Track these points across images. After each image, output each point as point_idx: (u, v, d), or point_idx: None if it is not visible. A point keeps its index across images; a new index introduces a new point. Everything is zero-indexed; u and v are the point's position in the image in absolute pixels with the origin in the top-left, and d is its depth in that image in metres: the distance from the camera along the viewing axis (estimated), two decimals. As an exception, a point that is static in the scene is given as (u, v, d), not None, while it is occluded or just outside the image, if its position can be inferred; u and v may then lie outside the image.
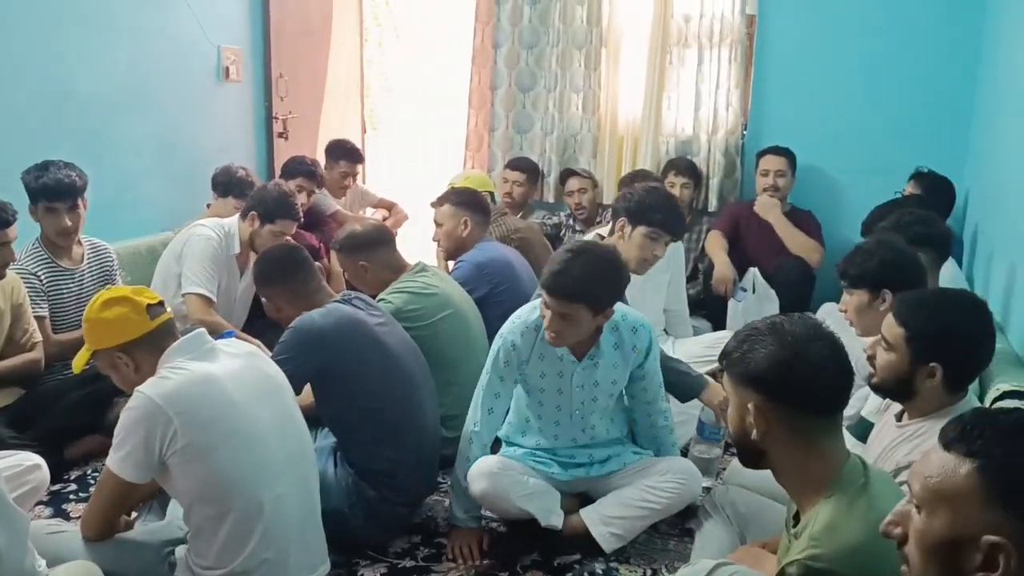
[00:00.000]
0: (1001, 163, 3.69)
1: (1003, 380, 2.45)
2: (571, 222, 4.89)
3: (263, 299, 2.86)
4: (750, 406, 1.49)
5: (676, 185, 4.64)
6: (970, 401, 1.98)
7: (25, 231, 3.02)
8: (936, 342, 1.89)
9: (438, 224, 3.59)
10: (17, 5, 3.49)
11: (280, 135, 5.08)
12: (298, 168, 4.35)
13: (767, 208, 4.37)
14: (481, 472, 2.47)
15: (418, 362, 2.72)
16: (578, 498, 2.68)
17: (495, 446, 2.73)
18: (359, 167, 4.95)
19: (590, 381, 2.58)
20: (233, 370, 2.04)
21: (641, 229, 3.00)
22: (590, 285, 2.35)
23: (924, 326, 1.91)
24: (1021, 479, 0.95)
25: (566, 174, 4.87)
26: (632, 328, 2.57)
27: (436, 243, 3.66)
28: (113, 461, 1.92)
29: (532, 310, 2.56)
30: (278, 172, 4.73)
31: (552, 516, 2.52)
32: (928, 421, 1.93)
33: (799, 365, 1.45)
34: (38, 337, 3.09)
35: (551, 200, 5.10)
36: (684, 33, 4.78)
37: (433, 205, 3.67)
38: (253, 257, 3.64)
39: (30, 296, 3.08)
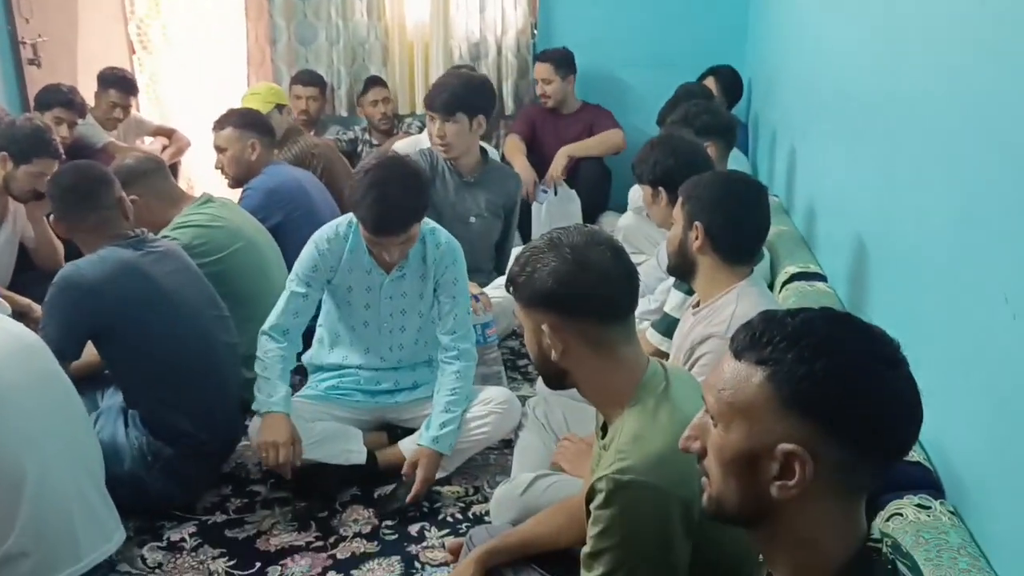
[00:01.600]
0: (778, 49, 3.82)
1: (790, 263, 2.57)
2: (367, 136, 4.70)
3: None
4: (544, 327, 1.44)
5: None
6: (755, 280, 2.05)
7: None
8: (700, 202, 2.00)
9: (220, 150, 3.31)
10: None
11: (31, 62, 4.52)
12: (53, 97, 3.88)
13: (563, 157, 4.29)
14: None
15: (211, 304, 2.52)
16: (384, 433, 2.63)
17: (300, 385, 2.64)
18: (132, 99, 4.52)
19: (398, 292, 2.54)
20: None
21: None
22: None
23: (692, 190, 2.04)
24: (811, 384, 0.93)
25: (369, 83, 4.64)
26: (437, 244, 2.53)
27: (219, 170, 3.38)
28: None
29: (342, 220, 2.51)
30: (32, 103, 4.23)
31: (351, 455, 2.46)
32: (719, 300, 1.99)
33: (582, 274, 1.42)
34: None
35: (344, 114, 4.87)
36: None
37: (214, 129, 3.37)
38: (13, 205, 3.26)
39: None
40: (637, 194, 3.36)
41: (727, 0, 4.59)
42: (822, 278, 2.47)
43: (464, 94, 3.16)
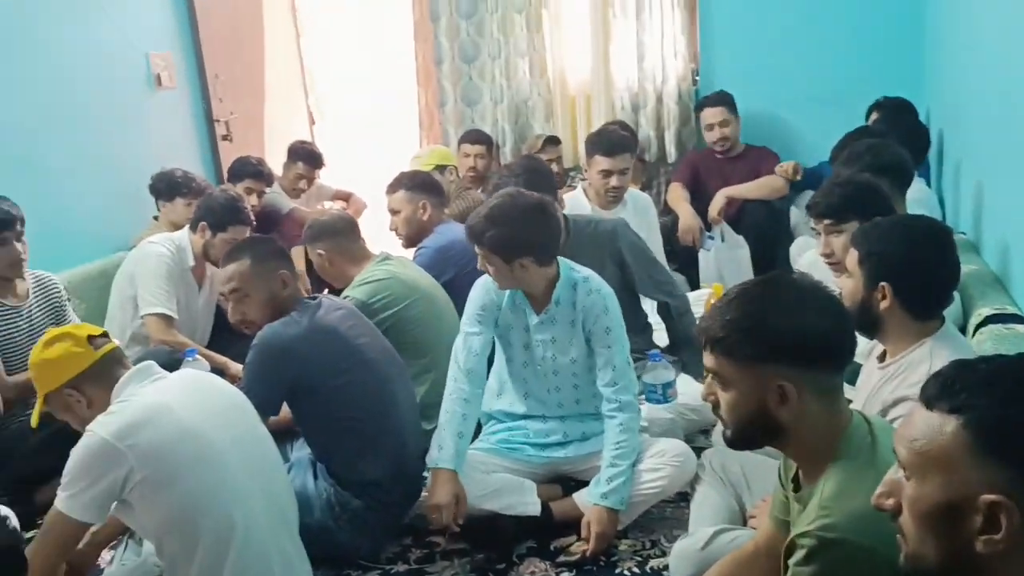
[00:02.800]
0: (958, 79, 3.62)
1: (984, 304, 2.40)
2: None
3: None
4: (777, 384, 1.36)
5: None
6: (949, 331, 1.92)
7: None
8: (884, 259, 1.88)
9: (394, 211, 3.47)
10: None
11: (224, 137, 4.92)
12: (243, 169, 4.21)
13: (722, 198, 4.19)
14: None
15: (395, 363, 2.63)
16: (558, 486, 2.62)
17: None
18: (317, 172, 4.80)
19: (548, 337, 2.55)
20: (186, 395, 1.96)
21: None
22: (495, 229, 2.39)
23: (872, 244, 1.90)
24: (1010, 428, 0.88)
25: (547, 142, 4.67)
26: (588, 291, 2.52)
27: (394, 231, 3.53)
28: (62, 500, 1.83)
29: None
30: (225, 175, 4.59)
31: (527, 507, 2.46)
32: (908, 356, 1.88)
33: (821, 321, 1.36)
34: (-6, 380, 2.97)
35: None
36: (624, -19, 4.65)
37: (387, 192, 3.55)
38: (211, 269, 3.53)
39: (-22, 340, 2.96)
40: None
41: (899, 28, 4.40)
42: (1020, 320, 2.29)
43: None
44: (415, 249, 3.45)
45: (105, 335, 2.03)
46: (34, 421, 2.09)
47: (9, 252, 3.01)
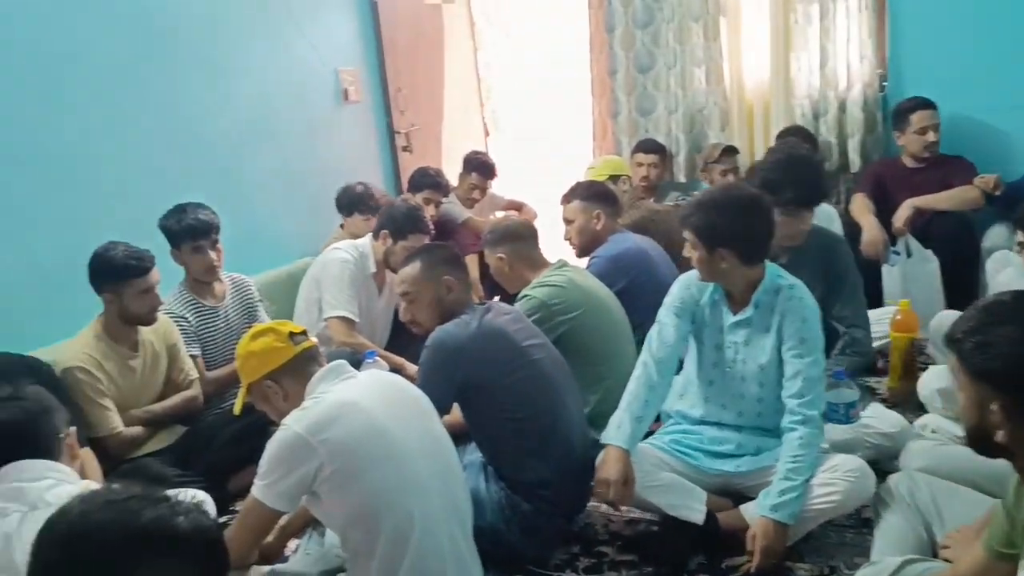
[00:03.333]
0: None
1: None
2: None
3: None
4: (993, 406, 1.31)
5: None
6: None
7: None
8: None
9: (568, 221, 3.50)
10: (149, 59, 3.62)
11: (404, 149, 5.12)
12: (423, 180, 4.37)
13: (908, 208, 3.93)
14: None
15: (561, 368, 2.64)
16: (729, 500, 2.54)
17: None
18: (490, 182, 4.92)
19: (741, 339, 2.49)
20: (374, 394, 2.04)
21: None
22: (700, 214, 2.40)
23: None
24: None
25: (723, 152, 4.57)
26: (790, 297, 2.44)
27: (568, 241, 3.56)
28: (257, 488, 1.94)
29: None
30: (404, 185, 4.77)
31: (692, 512, 2.40)
32: None
33: None
34: (194, 375, 3.20)
35: (683, 180, 4.92)
36: (807, -13, 4.49)
37: (562, 202, 3.58)
38: (390, 275, 3.67)
39: (182, 337, 3.20)
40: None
41: None
42: None
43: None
44: (588, 259, 3.46)
45: (304, 333, 2.14)
46: (237, 409, 2.22)
47: (204, 258, 3.25)
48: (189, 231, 3.21)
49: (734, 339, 2.50)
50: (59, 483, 1.78)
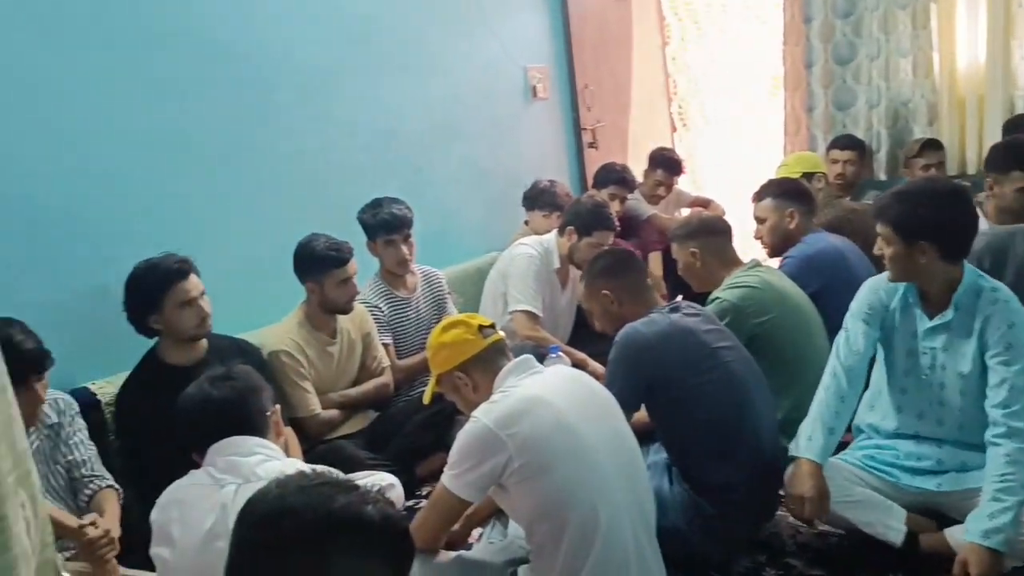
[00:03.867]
0: None
1: None
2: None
3: (586, 307, 2.84)
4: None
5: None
6: None
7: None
8: None
9: (760, 220, 3.38)
10: (349, 62, 3.80)
11: (590, 145, 5.13)
12: (609, 176, 4.36)
13: None
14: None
15: (752, 371, 2.55)
16: (933, 522, 2.36)
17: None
18: (675, 178, 4.85)
19: (939, 344, 2.32)
20: (561, 390, 2.04)
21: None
22: (900, 205, 2.27)
23: None
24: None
25: (924, 147, 4.28)
26: (993, 300, 2.24)
27: (759, 240, 3.44)
28: (447, 478, 1.98)
29: None
30: (590, 181, 4.77)
31: (889, 532, 2.25)
32: None
33: None
34: (386, 363, 3.34)
35: (883, 178, 4.64)
36: (1032, -32, 4.13)
37: (753, 200, 3.46)
38: (573, 271, 3.68)
39: (375, 326, 3.34)
40: None
41: None
42: None
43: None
44: (780, 259, 3.32)
45: (492, 327, 2.18)
46: (427, 398, 2.29)
47: (396, 251, 3.37)
48: (383, 225, 3.34)
49: (931, 344, 2.33)
50: (268, 459, 1.88)
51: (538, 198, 4.16)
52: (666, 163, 4.75)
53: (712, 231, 3.07)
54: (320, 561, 1.05)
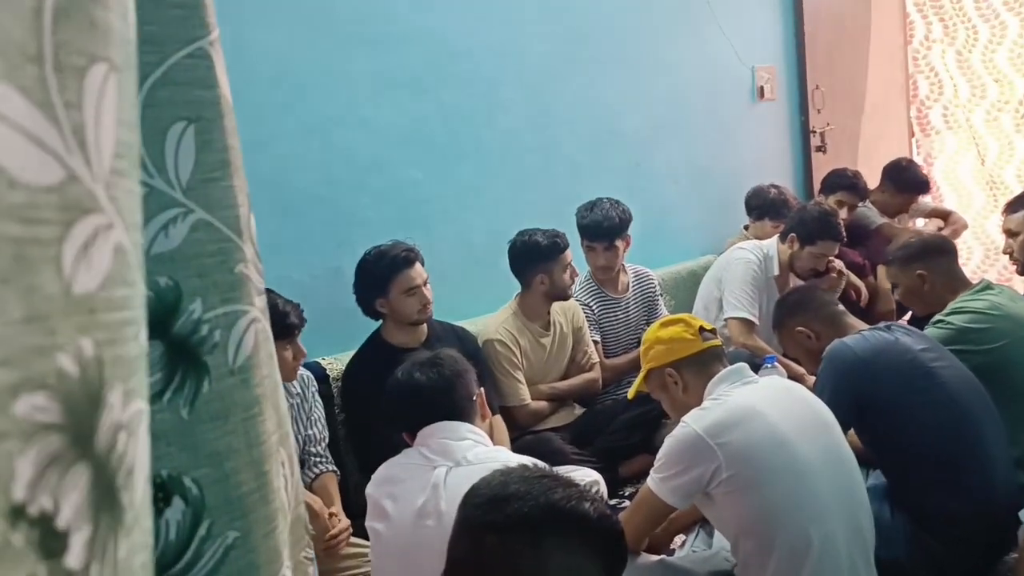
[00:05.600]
0: None
1: None
2: None
3: (783, 346, 2.77)
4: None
5: None
6: None
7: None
8: None
9: (1012, 234, 3.09)
10: (572, 57, 3.85)
11: (818, 149, 4.91)
12: (838, 181, 4.14)
13: None
14: None
15: (979, 396, 2.34)
16: None
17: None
18: (921, 199, 4.48)
19: None
20: (776, 402, 1.97)
21: None
22: None
23: None
24: None
25: None
26: None
27: (1008, 255, 3.15)
28: (653, 481, 1.97)
29: None
30: (816, 187, 4.56)
31: None
32: None
33: None
34: (596, 359, 3.35)
35: None
36: None
37: (1005, 211, 3.18)
38: (794, 279, 3.54)
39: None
40: None
41: None
42: None
43: None
44: (1031, 278, 3.04)
45: (713, 331, 2.14)
46: (631, 393, 2.29)
47: (595, 258, 3.41)
48: (586, 230, 3.37)
49: None
50: (477, 444, 1.94)
51: (769, 208, 3.96)
52: (911, 184, 4.33)
53: (940, 251, 2.85)
54: (538, 546, 1.10)
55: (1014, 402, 2.47)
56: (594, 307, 3.45)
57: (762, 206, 4.00)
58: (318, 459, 2.59)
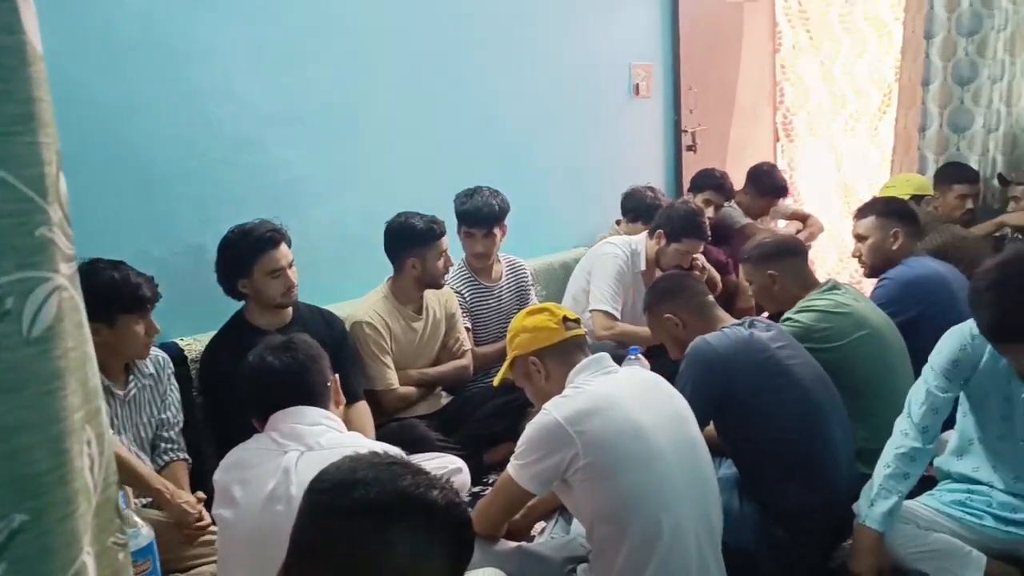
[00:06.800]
0: None
1: None
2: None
3: (656, 339, 2.80)
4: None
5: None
6: None
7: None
8: None
9: (860, 238, 3.26)
10: (456, 43, 3.83)
11: (689, 148, 5.04)
12: (706, 181, 4.27)
13: None
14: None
15: (828, 392, 2.47)
16: (1015, 570, 2.23)
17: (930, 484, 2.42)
18: (782, 202, 4.70)
19: None
20: (635, 393, 2.01)
21: None
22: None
23: None
24: None
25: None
26: None
27: (857, 258, 3.32)
28: (513, 467, 1.99)
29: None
30: (686, 185, 4.69)
31: None
32: None
33: None
34: (467, 346, 3.35)
35: (995, 206, 4.43)
36: None
37: (855, 217, 3.34)
38: (658, 274, 3.63)
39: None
40: None
41: None
42: None
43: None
44: (876, 280, 3.20)
45: (577, 321, 2.16)
46: (497, 381, 2.31)
47: (472, 245, 3.41)
48: (465, 216, 3.38)
49: None
50: (330, 430, 1.92)
51: (643, 212, 3.98)
52: (776, 189, 4.57)
53: (787, 253, 2.96)
54: (383, 532, 1.08)
55: (857, 397, 2.61)
56: (466, 294, 3.44)
57: (637, 208, 4.05)
58: (170, 446, 2.49)
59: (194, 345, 2.81)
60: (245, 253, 2.67)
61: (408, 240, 3.08)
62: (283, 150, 3.18)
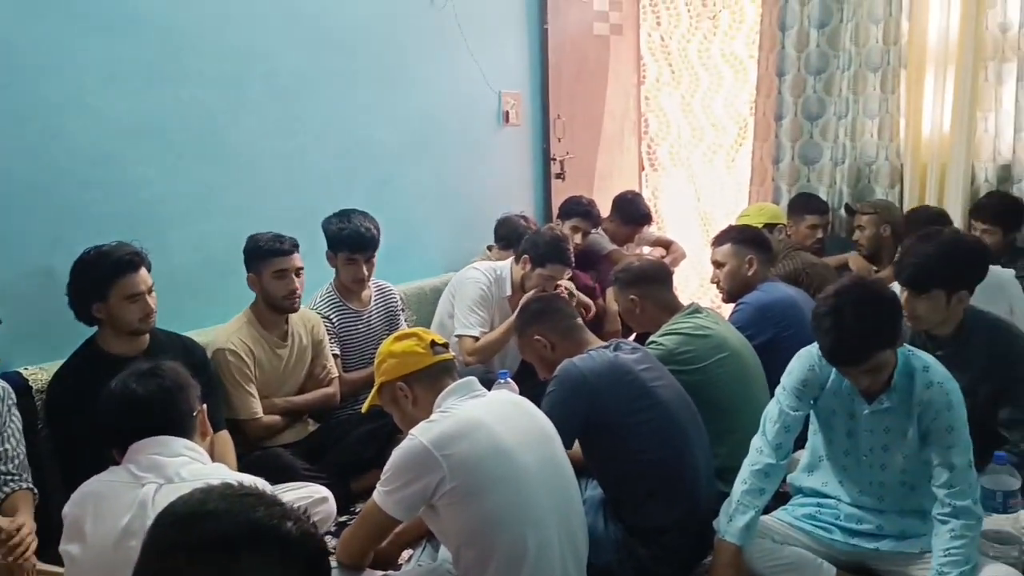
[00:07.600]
0: None
1: None
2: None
3: (525, 358, 2.85)
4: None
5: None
6: None
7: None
8: None
9: (718, 264, 3.40)
10: (325, 67, 3.79)
11: (557, 176, 5.14)
12: (574, 208, 4.36)
13: None
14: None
15: (690, 413, 2.56)
16: None
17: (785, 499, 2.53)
18: (646, 229, 4.85)
19: (880, 426, 2.31)
20: (501, 415, 2.03)
21: None
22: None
23: None
24: None
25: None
26: (928, 383, 2.24)
27: (715, 284, 3.47)
28: (379, 494, 1.97)
29: None
30: (555, 212, 4.77)
31: None
32: None
33: None
34: (335, 373, 3.29)
35: (842, 235, 4.71)
36: (1001, 45, 4.21)
37: (713, 244, 3.49)
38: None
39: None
40: None
41: None
42: None
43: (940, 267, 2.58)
44: (734, 305, 3.35)
45: (445, 346, 2.17)
46: (365, 407, 2.28)
47: (356, 270, 3.34)
48: (348, 242, 3.30)
49: (870, 427, 2.32)
50: (193, 461, 1.85)
51: (515, 240, 3.89)
52: (643, 217, 4.72)
53: (651, 279, 3.07)
54: (232, 567, 1.03)
55: (717, 417, 2.72)
56: (335, 319, 3.38)
57: (509, 236, 4.06)
58: (10, 477, 2.33)
59: (40, 375, 2.65)
60: (102, 276, 2.55)
61: (249, 257, 3.03)
62: (142, 167, 3.07)
